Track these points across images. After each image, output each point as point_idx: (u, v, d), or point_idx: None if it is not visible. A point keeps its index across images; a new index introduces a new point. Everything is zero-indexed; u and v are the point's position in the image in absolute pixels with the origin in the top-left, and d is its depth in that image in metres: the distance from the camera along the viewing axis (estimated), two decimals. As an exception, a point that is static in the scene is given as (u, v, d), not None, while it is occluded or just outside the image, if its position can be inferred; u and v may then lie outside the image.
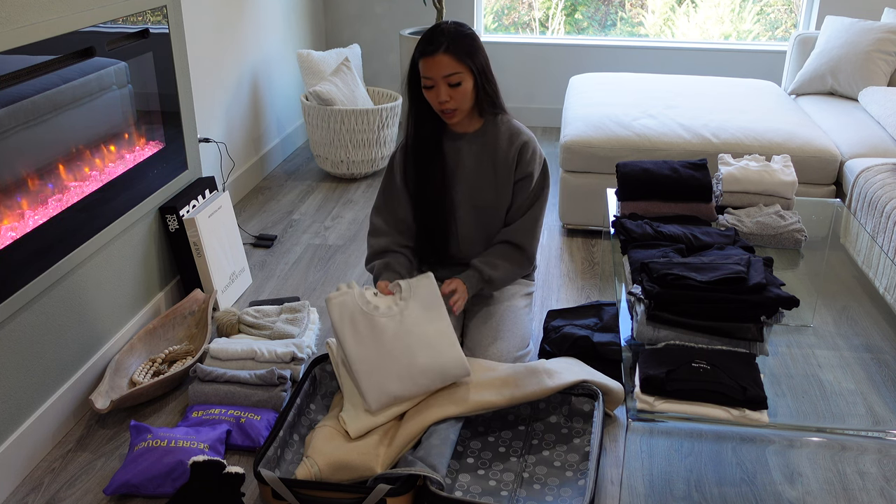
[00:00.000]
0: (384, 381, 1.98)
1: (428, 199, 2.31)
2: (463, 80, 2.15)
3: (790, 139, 3.20)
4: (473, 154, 2.29)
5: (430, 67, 2.13)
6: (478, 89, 2.20)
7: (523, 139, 2.28)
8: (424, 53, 2.14)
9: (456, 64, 2.13)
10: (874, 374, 1.96)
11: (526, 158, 2.27)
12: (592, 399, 2.13)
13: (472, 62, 2.15)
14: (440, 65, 2.12)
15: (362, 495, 1.80)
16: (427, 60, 2.13)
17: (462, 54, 2.13)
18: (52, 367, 2.11)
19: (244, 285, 2.94)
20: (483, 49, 2.20)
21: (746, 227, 2.36)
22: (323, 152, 3.97)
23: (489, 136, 2.29)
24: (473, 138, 2.29)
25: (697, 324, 1.80)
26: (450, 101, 2.16)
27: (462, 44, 2.14)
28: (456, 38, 2.13)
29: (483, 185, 2.30)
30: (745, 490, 1.96)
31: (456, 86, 2.14)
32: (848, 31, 3.90)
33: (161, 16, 2.54)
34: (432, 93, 2.16)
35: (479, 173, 2.29)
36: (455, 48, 2.12)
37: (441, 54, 2.11)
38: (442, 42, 2.12)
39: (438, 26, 2.17)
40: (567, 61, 4.88)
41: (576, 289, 2.96)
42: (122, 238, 2.42)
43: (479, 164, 2.29)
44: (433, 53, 2.12)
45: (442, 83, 2.14)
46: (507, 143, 2.28)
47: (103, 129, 2.33)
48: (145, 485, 1.90)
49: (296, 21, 4.46)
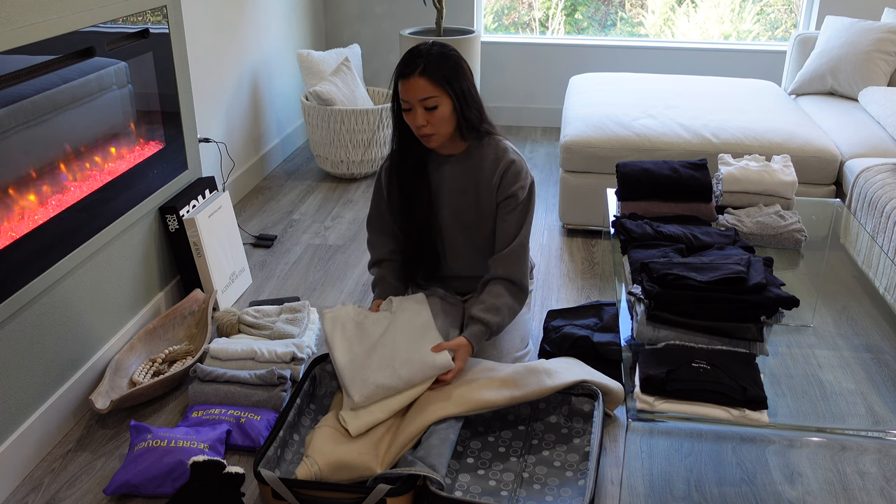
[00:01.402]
0: (367, 372, 2.01)
1: (414, 220, 2.28)
2: (440, 104, 2.06)
3: (790, 139, 3.20)
4: (456, 177, 2.23)
5: (407, 90, 2.06)
6: (458, 114, 2.11)
7: (509, 159, 2.19)
8: (402, 75, 2.07)
9: (432, 87, 2.04)
10: (874, 374, 1.97)
11: (508, 179, 2.18)
12: (592, 399, 2.13)
13: (449, 86, 2.06)
14: (415, 88, 2.04)
15: (362, 495, 1.80)
16: (404, 82, 2.06)
17: (439, 78, 2.04)
18: (52, 367, 2.11)
19: (244, 285, 2.94)
20: (466, 71, 2.12)
21: (746, 227, 2.36)
22: (323, 152, 3.97)
23: (473, 159, 2.21)
24: (457, 161, 2.22)
25: (697, 324, 1.80)
26: (426, 125, 2.08)
27: (441, 66, 2.05)
28: (435, 59, 2.05)
29: (467, 207, 2.25)
30: (745, 490, 1.96)
31: (432, 109, 2.06)
32: (848, 31, 3.90)
33: (161, 16, 2.54)
34: (410, 116, 2.09)
35: (462, 196, 2.24)
36: (432, 71, 2.04)
37: (417, 77, 2.04)
38: (418, 64, 2.04)
39: (417, 48, 2.09)
40: (567, 61, 4.88)
41: (576, 289, 2.96)
42: (122, 238, 2.42)
43: (462, 186, 2.23)
44: (409, 76, 2.05)
45: (419, 106, 2.06)
46: (492, 165, 2.20)
47: (103, 129, 2.33)
48: (145, 485, 1.90)
49: (296, 21, 4.46)
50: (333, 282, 3.01)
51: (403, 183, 2.26)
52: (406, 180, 2.25)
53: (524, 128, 4.99)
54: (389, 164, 2.29)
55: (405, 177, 2.25)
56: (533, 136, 4.83)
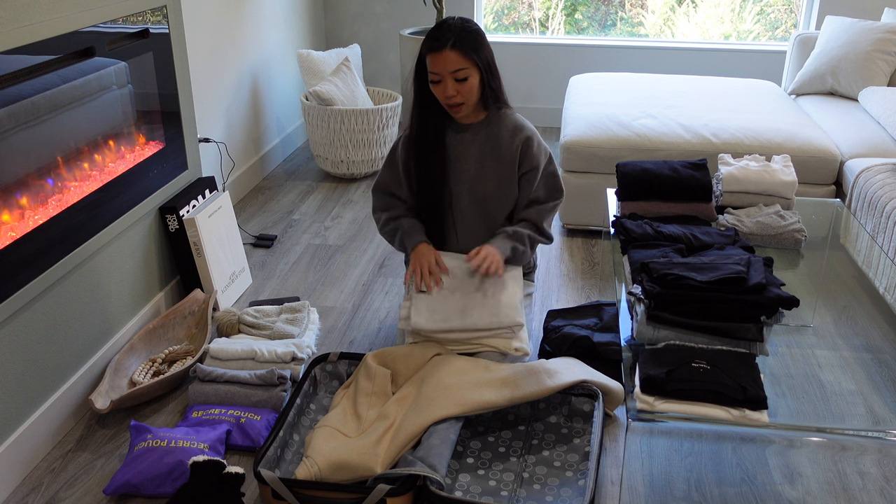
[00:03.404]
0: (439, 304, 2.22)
1: (429, 190, 2.34)
2: (469, 76, 2.18)
3: (790, 139, 3.20)
4: (477, 144, 2.31)
5: (438, 63, 2.16)
6: (483, 84, 2.22)
7: (526, 134, 2.31)
8: (432, 49, 2.17)
9: (462, 59, 2.15)
10: (874, 374, 1.96)
11: (532, 152, 2.30)
12: (592, 399, 2.13)
13: (477, 58, 2.18)
14: (447, 60, 2.15)
15: (362, 495, 1.80)
16: (434, 56, 2.16)
17: (468, 50, 2.16)
18: (52, 367, 2.11)
19: (244, 285, 2.94)
20: (488, 44, 2.23)
21: (746, 227, 2.36)
22: (323, 152, 3.97)
23: (493, 127, 2.31)
24: (477, 129, 2.32)
25: (697, 324, 1.80)
26: (457, 95, 2.19)
27: (468, 39, 2.16)
28: (462, 33, 2.16)
29: (485, 175, 2.31)
30: (745, 490, 1.96)
31: (462, 81, 2.17)
32: (848, 31, 3.90)
33: (161, 16, 2.54)
34: (439, 87, 2.19)
35: (481, 163, 2.31)
36: (462, 44, 2.15)
37: (448, 50, 2.14)
38: (449, 38, 2.15)
39: (445, 22, 2.20)
40: (567, 61, 4.88)
41: (576, 289, 2.96)
42: (122, 238, 2.42)
43: (481, 154, 2.31)
44: (440, 49, 2.15)
45: (449, 78, 2.17)
46: (510, 136, 2.30)
47: (103, 129, 2.33)
48: (145, 485, 1.90)
49: (296, 21, 4.46)
50: (333, 282, 3.01)
51: (421, 151, 2.32)
52: (424, 149, 2.32)
53: (524, 128, 4.98)
54: (409, 135, 2.35)
55: (423, 145, 2.32)
56: (533, 136, 4.82)
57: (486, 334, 2.23)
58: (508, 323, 2.22)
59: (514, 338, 2.24)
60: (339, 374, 2.28)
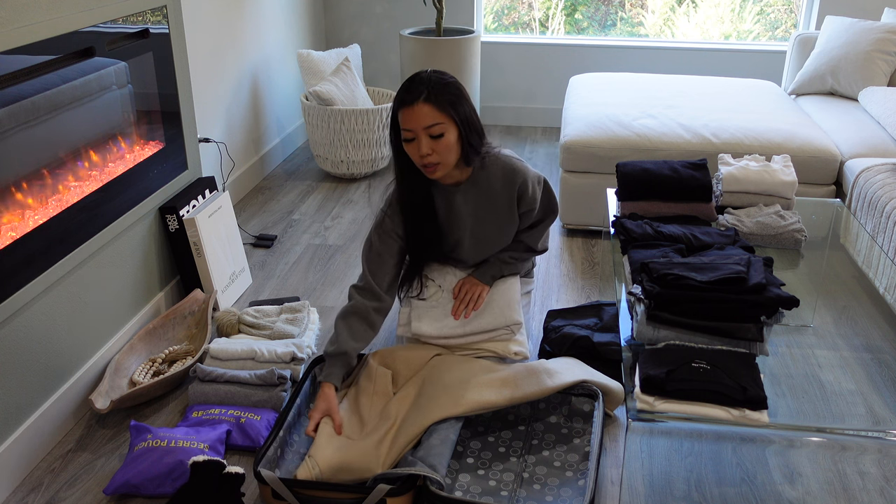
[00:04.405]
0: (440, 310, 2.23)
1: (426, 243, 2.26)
2: (446, 132, 2.00)
3: (790, 139, 3.20)
4: (469, 204, 2.21)
5: (410, 118, 1.98)
6: (462, 141, 2.05)
7: (520, 178, 2.18)
8: (403, 103, 1.99)
9: (437, 114, 1.98)
10: (874, 374, 1.96)
11: (528, 196, 2.22)
12: (592, 399, 2.13)
13: (454, 112, 2.01)
14: (420, 115, 1.97)
15: (362, 495, 1.80)
16: (406, 111, 1.99)
17: (444, 103, 1.99)
18: (52, 367, 2.11)
19: (244, 285, 2.94)
20: (467, 97, 2.07)
21: (746, 227, 2.36)
22: (323, 152, 3.97)
23: (482, 183, 2.18)
24: (467, 189, 2.19)
25: (697, 324, 1.80)
26: (432, 154, 2.01)
27: (444, 92, 2.00)
28: (437, 86, 1.99)
29: (484, 226, 2.26)
30: (745, 490, 1.96)
31: (438, 137, 2.00)
32: (848, 31, 3.90)
33: (161, 16, 2.54)
34: (413, 146, 2.02)
35: (478, 219, 2.24)
36: (436, 97, 1.98)
37: (421, 103, 1.97)
38: (421, 91, 1.98)
39: (417, 75, 2.03)
40: (567, 61, 4.88)
41: (576, 289, 2.96)
42: (122, 238, 2.42)
43: (477, 210, 2.22)
44: (412, 103, 1.97)
45: (423, 135, 1.99)
46: (503, 185, 2.19)
47: (103, 129, 2.33)
48: (145, 485, 1.90)
49: (296, 21, 4.46)
50: (333, 282, 3.01)
51: (410, 217, 2.20)
52: (413, 214, 2.20)
53: (524, 128, 4.98)
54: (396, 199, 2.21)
55: (411, 211, 2.19)
56: (533, 136, 4.83)
57: (485, 336, 2.23)
58: (507, 322, 2.22)
59: (512, 340, 2.24)
60: (339, 374, 2.28)
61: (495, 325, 2.23)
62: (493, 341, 2.23)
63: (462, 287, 2.28)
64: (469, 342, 2.23)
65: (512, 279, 2.33)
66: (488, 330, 2.23)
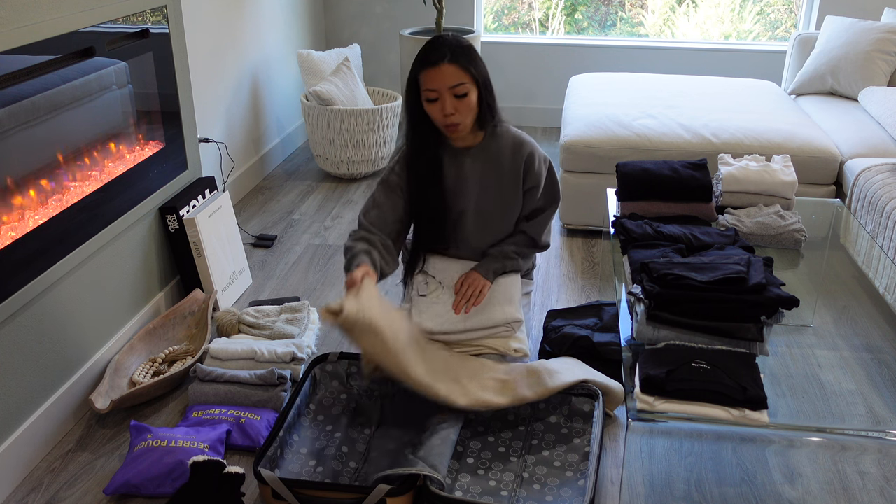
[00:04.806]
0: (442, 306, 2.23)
1: (430, 211, 2.28)
2: (468, 91, 2.09)
3: (790, 139, 3.20)
4: (477, 169, 2.25)
5: (434, 78, 2.06)
6: (481, 101, 2.14)
7: (528, 150, 2.25)
8: (427, 64, 2.07)
9: (461, 74, 2.07)
10: (874, 374, 1.96)
11: (535, 169, 2.26)
12: (592, 399, 2.13)
13: (476, 72, 2.10)
14: (445, 75, 2.06)
15: (362, 495, 1.80)
16: (431, 71, 2.06)
17: (466, 64, 2.07)
18: (52, 367, 2.11)
19: (244, 285, 2.94)
20: (482, 60, 2.16)
21: (746, 227, 2.36)
22: (323, 152, 3.97)
23: (492, 149, 2.24)
24: (476, 153, 2.24)
25: (697, 324, 1.80)
26: (455, 113, 2.09)
27: (465, 53, 2.09)
28: (458, 48, 2.08)
29: (489, 197, 2.28)
30: (745, 490, 1.96)
31: (462, 97, 2.08)
32: (848, 31, 3.90)
33: (161, 16, 2.54)
34: (436, 106, 2.10)
35: (484, 187, 2.27)
36: (459, 58, 2.07)
37: (446, 64, 2.05)
38: (445, 52, 2.06)
39: (438, 37, 2.12)
40: (567, 61, 4.88)
41: (576, 289, 2.96)
42: (122, 238, 2.42)
43: (483, 178, 2.26)
44: (437, 63, 2.05)
45: (448, 95, 2.07)
46: (512, 155, 2.24)
47: (103, 129, 2.33)
48: (145, 485, 1.90)
49: (296, 21, 4.46)
50: (333, 282, 3.01)
51: (419, 177, 2.23)
52: (422, 175, 2.23)
53: (524, 128, 4.96)
54: (405, 158, 2.25)
55: (421, 172, 2.23)
56: (533, 136, 4.80)
57: (485, 332, 2.23)
58: (507, 319, 2.22)
59: (512, 338, 2.24)
60: (339, 374, 2.28)
61: (496, 321, 2.23)
62: (493, 338, 2.23)
63: (464, 282, 2.28)
64: (469, 338, 2.23)
65: (513, 276, 2.33)
66: (489, 326, 2.23)
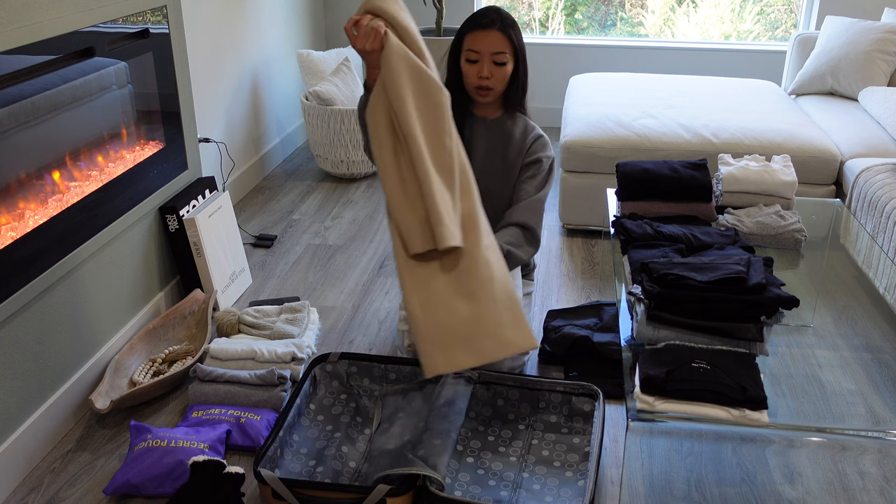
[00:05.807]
0: None
1: None
2: (507, 61, 2.20)
3: (790, 139, 3.20)
4: (487, 140, 2.32)
5: (481, 41, 2.17)
6: (515, 75, 2.24)
7: (538, 133, 2.34)
8: (477, 26, 2.18)
9: (506, 43, 2.17)
10: (874, 374, 1.96)
11: (537, 146, 2.32)
12: (593, 399, 2.13)
13: (518, 46, 2.21)
14: (492, 40, 2.17)
15: (362, 495, 1.80)
16: (479, 33, 2.17)
17: (512, 37, 2.18)
18: (52, 367, 2.11)
19: (244, 285, 2.94)
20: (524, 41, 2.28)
21: (746, 227, 2.36)
22: (323, 152, 3.97)
23: (506, 126, 2.32)
24: (491, 125, 2.33)
25: (697, 324, 1.80)
26: (490, 77, 2.20)
27: (513, 27, 2.20)
28: (509, 19, 2.20)
29: (490, 171, 2.30)
30: (745, 490, 1.96)
31: (500, 65, 2.19)
32: (848, 31, 3.90)
33: (161, 16, 2.54)
34: (474, 67, 2.20)
35: (488, 159, 2.31)
36: (507, 28, 2.18)
37: (495, 30, 2.16)
38: (496, 21, 2.17)
39: (490, 7, 2.22)
40: (567, 61, 4.88)
41: (576, 289, 2.96)
42: (122, 238, 2.42)
43: (490, 150, 2.31)
44: (487, 27, 2.16)
45: (488, 59, 2.18)
46: (521, 135, 2.32)
47: (103, 129, 2.33)
48: (145, 485, 1.90)
49: (296, 21, 4.46)
50: (333, 282, 3.01)
51: None
52: None
53: (524, 128, 4.99)
54: None
55: None
56: (533, 136, 4.83)
57: None
58: None
59: None
60: (339, 374, 2.28)
61: None
62: None
63: None
64: None
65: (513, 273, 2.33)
66: None
